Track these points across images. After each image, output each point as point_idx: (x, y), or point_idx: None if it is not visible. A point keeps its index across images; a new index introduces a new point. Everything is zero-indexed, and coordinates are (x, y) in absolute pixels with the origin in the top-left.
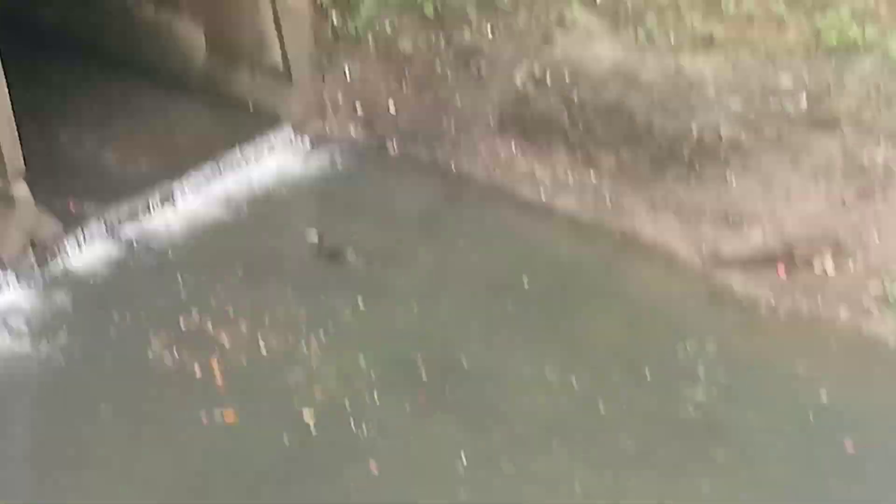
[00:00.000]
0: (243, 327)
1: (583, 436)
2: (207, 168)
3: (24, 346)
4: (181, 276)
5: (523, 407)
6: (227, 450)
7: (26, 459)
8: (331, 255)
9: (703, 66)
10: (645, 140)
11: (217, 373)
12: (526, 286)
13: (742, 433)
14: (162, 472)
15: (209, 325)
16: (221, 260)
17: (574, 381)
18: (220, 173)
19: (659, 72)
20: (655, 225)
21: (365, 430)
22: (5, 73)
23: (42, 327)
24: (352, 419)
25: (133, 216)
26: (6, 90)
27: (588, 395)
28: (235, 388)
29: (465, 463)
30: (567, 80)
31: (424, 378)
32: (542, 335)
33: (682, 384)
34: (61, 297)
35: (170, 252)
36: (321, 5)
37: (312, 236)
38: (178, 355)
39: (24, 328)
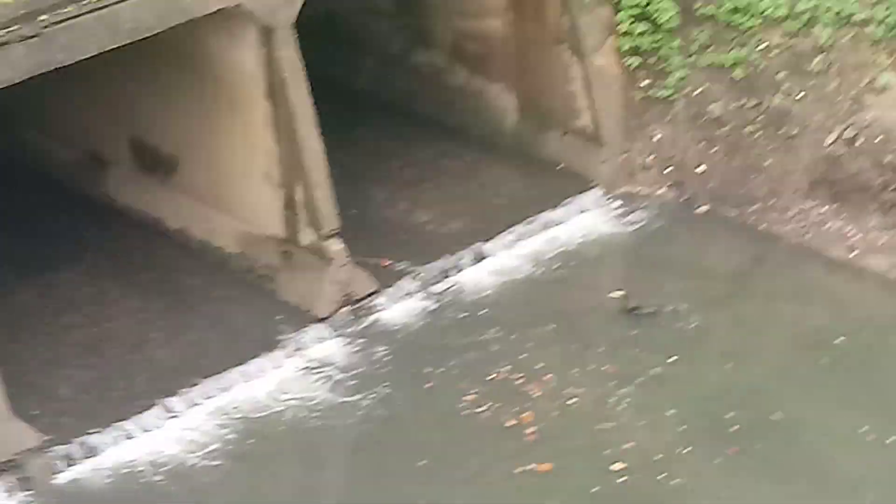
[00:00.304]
0: (553, 381)
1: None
2: (518, 228)
3: (341, 397)
4: (491, 331)
5: (835, 464)
6: (539, 499)
7: None
8: (637, 313)
9: None
10: None
11: (529, 426)
12: (838, 344)
13: None
14: None
15: (519, 379)
16: (531, 316)
17: (889, 441)
18: (531, 233)
19: None
20: None
21: (675, 482)
22: (322, 135)
23: (358, 379)
24: (662, 472)
25: (445, 274)
26: (322, 151)
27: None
28: (546, 440)
29: None
30: (878, 143)
31: (734, 432)
32: (855, 394)
33: None
34: (375, 351)
35: (480, 308)
36: (630, 68)
37: (618, 295)
38: (490, 408)
39: (340, 380)
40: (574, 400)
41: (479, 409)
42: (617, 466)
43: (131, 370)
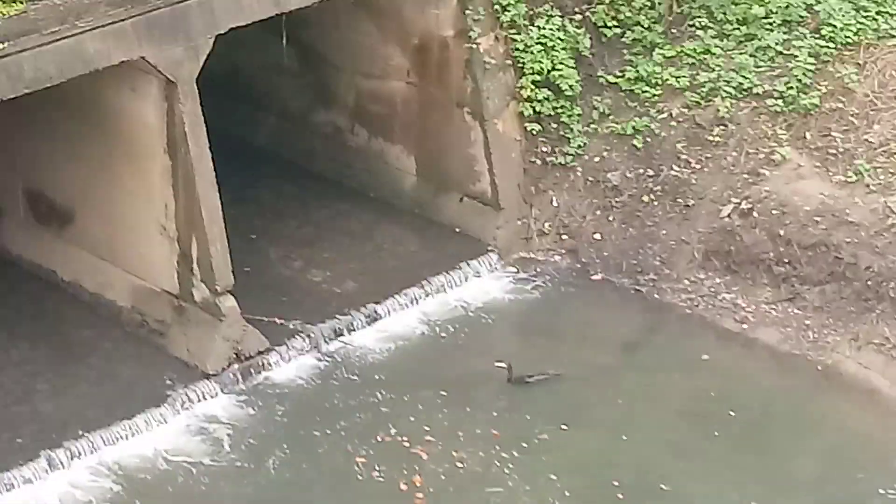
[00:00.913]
0: (440, 445)
1: None
2: (412, 290)
3: (228, 458)
4: (381, 394)
5: None
6: None
7: None
8: (520, 382)
9: None
10: (850, 277)
11: (419, 490)
12: (726, 416)
13: None
14: None
15: (407, 442)
16: (420, 379)
17: None
18: (425, 296)
19: (867, 211)
20: (858, 360)
21: None
22: (219, 191)
23: (246, 439)
24: None
25: (337, 334)
26: (219, 207)
27: None
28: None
29: None
30: (774, 216)
31: (620, 498)
32: (741, 464)
33: None
34: (265, 410)
35: (370, 369)
36: (531, 134)
37: (502, 365)
38: (381, 471)
39: (228, 440)
40: (461, 465)
41: (371, 473)
42: None
43: (17, 421)
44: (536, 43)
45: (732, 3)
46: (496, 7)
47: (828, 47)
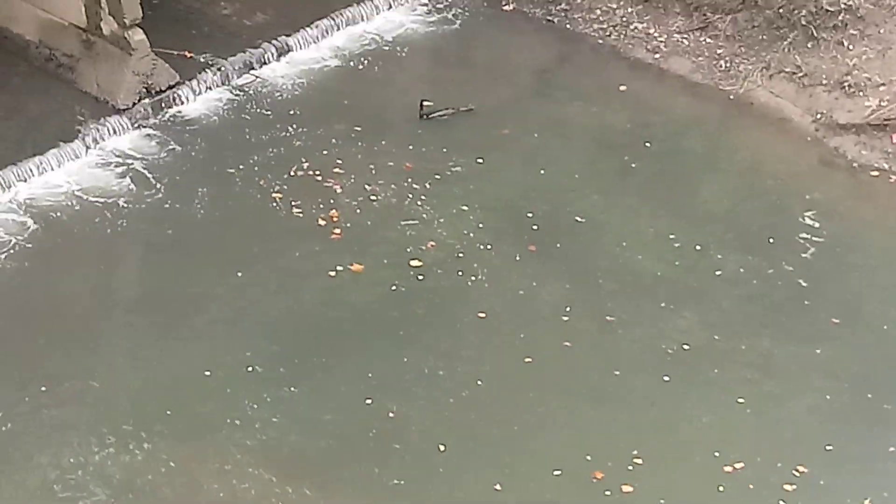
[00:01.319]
0: (353, 178)
1: (688, 293)
2: (323, 23)
3: (141, 191)
4: (293, 128)
5: (630, 262)
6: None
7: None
8: (432, 117)
9: None
10: (762, 5)
11: (336, 226)
12: (639, 146)
13: (847, 295)
14: (284, 314)
15: (321, 176)
16: (332, 113)
17: (682, 240)
18: (337, 28)
19: None
20: (770, 89)
21: (474, 279)
22: None
23: (158, 173)
24: (461, 268)
25: (248, 67)
26: None
27: (695, 254)
28: (352, 238)
29: (569, 311)
30: None
31: (535, 231)
32: (654, 193)
33: (789, 244)
34: (176, 144)
35: (282, 103)
36: None
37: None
38: (297, 205)
39: (140, 173)
40: (375, 198)
41: (287, 208)
42: (416, 263)
43: None
44: None
45: None
46: None
47: None
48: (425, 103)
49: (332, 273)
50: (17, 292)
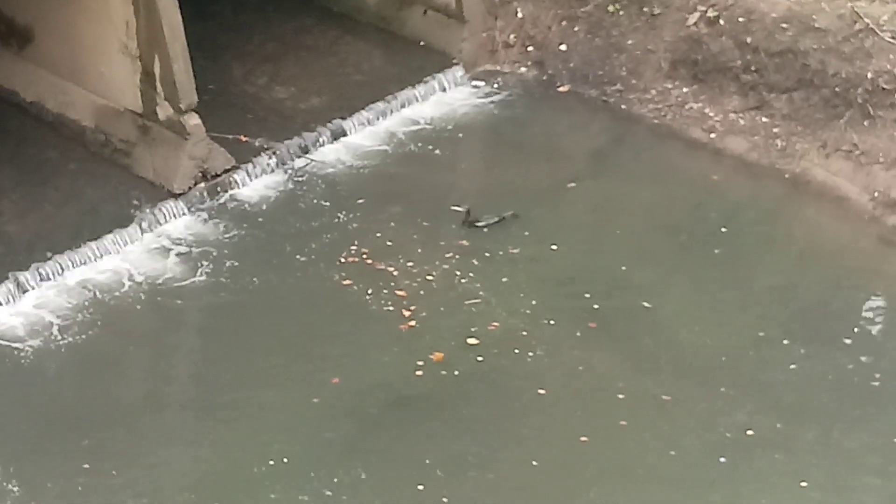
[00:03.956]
0: (410, 261)
1: (749, 378)
2: (378, 106)
3: (196, 275)
4: (348, 210)
5: (689, 343)
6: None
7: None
8: (477, 225)
9: (879, 12)
10: (818, 84)
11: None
12: (696, 226)
13: None
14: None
15: (377, 258)
16: (386, 196)
17: (742, 322)
18: (391, 111)
19: (834, 16)
20: (827, 168)
21: (535, 354)
22: (181, 9)
23: (214, 257)
24: (525, 345)
25: (303, 150)
26: (181, 24)
27: (754, 337)
28: (419, 321)
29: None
30: (741, 23)
31: (595, 309)
32: (713, 275)
33: (847, 332)
34: (232, 228)
35: (337, 186)
36: None
37: (460, 209)
38: (360, 288)
39: (195, 258)
40: (433, 280)
41: (347, 291)
42: (474, 341)
43: None
44: None
45: None
46: None
47: None
48: (465, 210)
49: (421, 363)
50: (69, 374)
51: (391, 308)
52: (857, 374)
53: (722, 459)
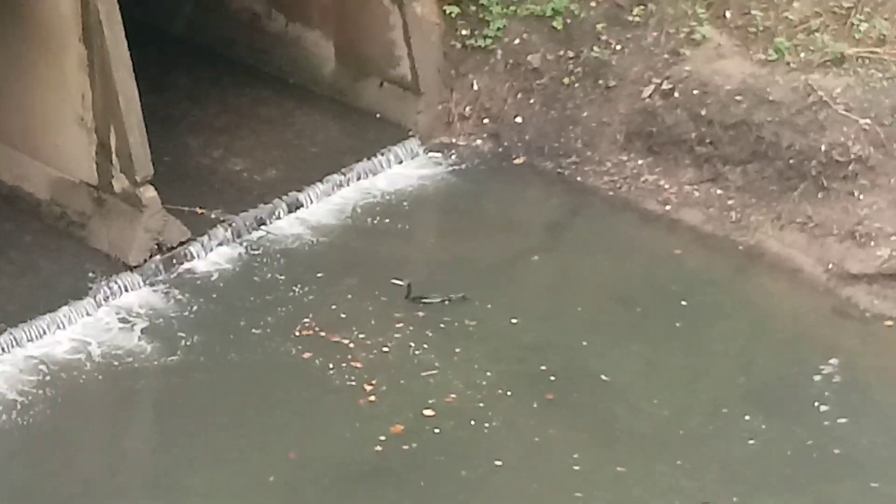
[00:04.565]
0: (365, 333)
1: (706, 450)
2: (334, 177)
3: (151, 348)
4: (303, 283)
5: (646, 413)
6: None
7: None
8: (419, 299)
9: (832, 85)
10: (772, 156)
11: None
12: (650, 298)
13: (869, 460)
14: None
15: (331, 330)
16: (341, 268)
17: (694, 394)
18: (347, 183)
19: (788, 89)
20: (781, 240)
21: (491, 425)
22: (137, 81)
23: (170, 330)
24: (481, 416)
25: (259, 223)
26: (137, 96)
27: (709, 410)
28: (378, 395)
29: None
30: (695, 96)
31: (552, 383)
32: (666, 347)
33: (804, 404)
34: (187, 301)
35: (292, 258)
36: (450, 17)
37: (402, 283)
38: (315, 359)
39: (151, 331)
40: (389, 352)
41: (302, 363)
42: (430, 413)
43: None
44: None
45: None
46: None
47: None
48: (406, 284)
49: (382, 438)
50: (23, 451)
51: (348, 380)
52: (815, 448)
53: None
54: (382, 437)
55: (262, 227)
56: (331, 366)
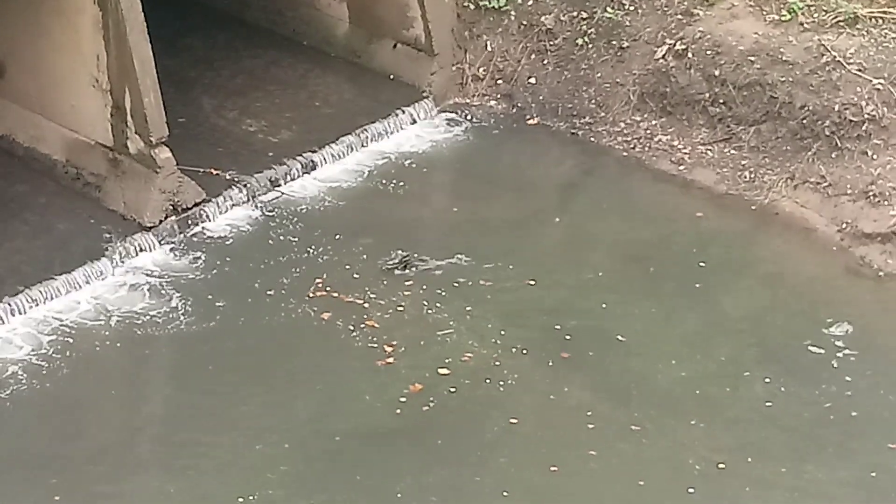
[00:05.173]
0: (379, 293)
1: (719, 411)
2: (348, 139)
3: (167, 308)
4: (318, 243)
5: (661, 373)
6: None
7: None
8: (404, 265)
9: (846, 44)
10: (786, 116)
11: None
12: (664, 258)
13: (886, 420)
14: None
15: (347, 291)
16: (356, 229)
17: (709, 354)
18: (361, 144)
19: (801, 49)
20: (795, 199)
21: (507, 384)
22: (151, 43)
23: (185, 290)
24: (497, 375)
25: (273, 184)
26: (151, 58)
27: (724, 370)
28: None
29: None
30: (708, 56)
31: (568, 340)
32: (679, 307)
33: (820, 364)
34: (202, 261)
35: (307, 219)
36: None
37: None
38: (332, 319)
39: (166, 290)
40: (405, 312)
41: (318, 322)
42: (445, 371)
43: None
44: None
45: None
46: None
47: None
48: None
49: (402, 399)
50: (36, 410)
51: (368, 341)
52: (828, 405)
53: (691, 491)
54: (403, 399)
55: (277, 188)
56: (351, 327)
